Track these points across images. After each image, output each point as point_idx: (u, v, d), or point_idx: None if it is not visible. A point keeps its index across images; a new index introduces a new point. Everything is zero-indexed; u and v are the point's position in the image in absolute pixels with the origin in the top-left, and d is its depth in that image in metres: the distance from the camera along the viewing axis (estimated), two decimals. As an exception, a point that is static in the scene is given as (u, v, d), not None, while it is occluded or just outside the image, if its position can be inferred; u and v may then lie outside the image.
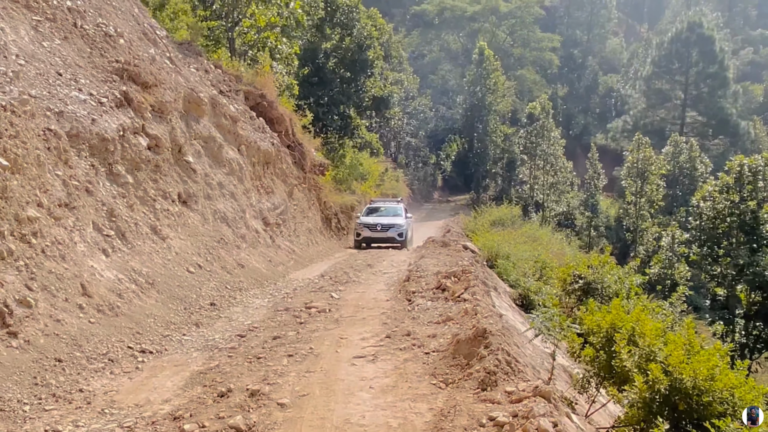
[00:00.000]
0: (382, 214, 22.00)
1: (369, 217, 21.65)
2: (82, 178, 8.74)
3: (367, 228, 20.75)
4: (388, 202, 24.40)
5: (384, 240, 20.59)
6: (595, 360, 7.25)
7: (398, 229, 20.75)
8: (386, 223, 20.84)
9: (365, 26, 30.33)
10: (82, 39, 11.65)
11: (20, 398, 5.08)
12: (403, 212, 22.33)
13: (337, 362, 5.99)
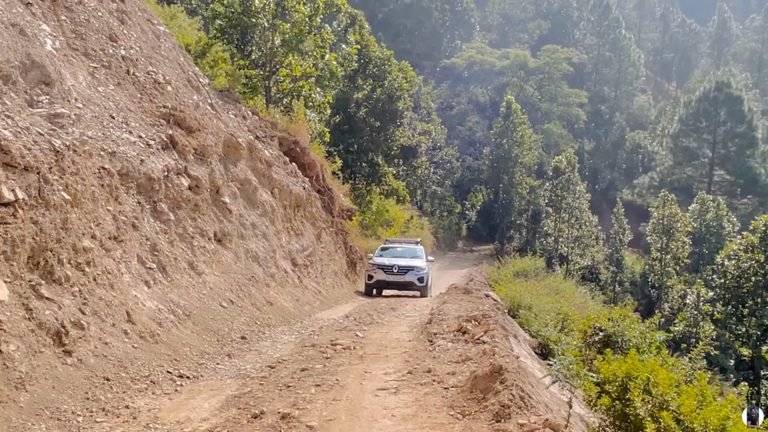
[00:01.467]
0: (398, 255, 19.63)
1: (384, 258, 19.22)
2: (130, 213, 9.41)
3: (382, 270, 18.33)
4: (405, 243, 22.05)
5: (401, 285, 18.27)
6: (611, 409, 7.53)
7: (418, 273, 18.35)
8: (404, 265, 18.43)
9: (396, 78, 31.43)
10: (134, 85, 12.55)
11: (74, 410, 5.59)
12: (423, 255, 20.10)
13: (361, 393, 6.42)
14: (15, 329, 5.79)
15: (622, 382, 7.53)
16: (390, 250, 20.40)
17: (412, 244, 21.86)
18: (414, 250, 20.40)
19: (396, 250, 20.54)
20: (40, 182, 6.95)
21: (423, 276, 18.43)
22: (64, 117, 8.61)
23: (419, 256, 19.78)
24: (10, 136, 6.73)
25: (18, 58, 8.47)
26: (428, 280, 18.95)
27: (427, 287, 18.73)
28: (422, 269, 18.58)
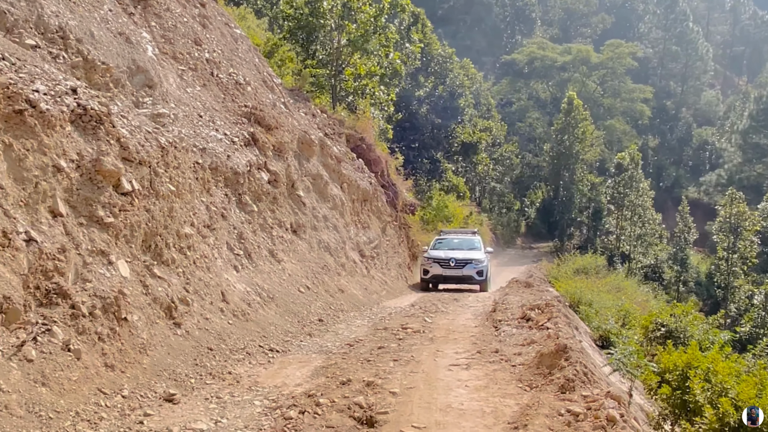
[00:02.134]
0: (454, 247, 18.65)
1: (439, 250, 18.37)
2: (219, 204, 10.31)
3: (438, 264, 17.46)
4: (461, 234, 21.15)
5: (459, 279, 17.39)
6: (671, 397, 7.90)
7: (477, 266, 17.42)
8: (461, 258, 17.51)
9: (458, 76, 31.87)
10: (218, 86, 13.53)
11: (187, 373, 6.43)
12: (482, 246, 19.14)
13: (435, 367, 7.05)
14: (136, 302, 6.68)
15: (682, 372, 7.88)
16: (446, 242, 19.40)
17: (469, 234, 20.82)
18: (471, 241, 19.38)
19: (452, 241, 19.50)
20: (151, 175, 7.86)
21: (482, 269, 17.49)
22: (164, 116, 9.55)
23: (477, 247, 18.79)
24: (127, 134, 7.65)
25: (125, 63, 9.46)
26: (487, 274, 17.98)
27: (487, 281, 17.82)
28: (481, 262, 17.64)
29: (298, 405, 5.55)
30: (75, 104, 7.03)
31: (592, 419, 4.79)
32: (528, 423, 5.01)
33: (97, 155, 6.95)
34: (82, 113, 7.05)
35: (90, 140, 7.03)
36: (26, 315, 5.32)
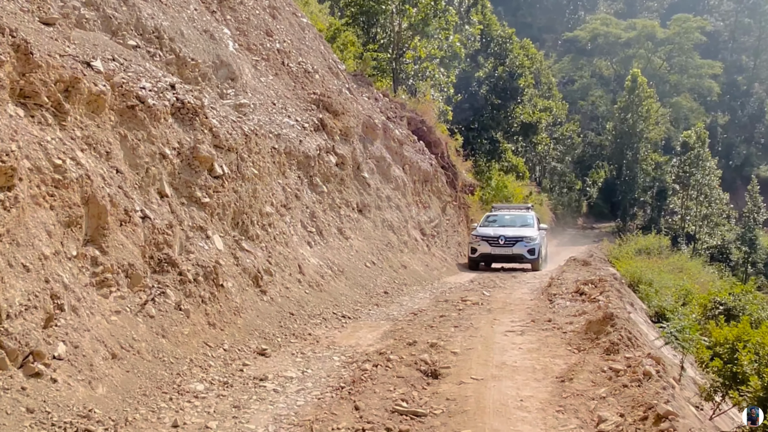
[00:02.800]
0: (505, 224, 17.83)
1: (489, 227, 17.59)
2: (293, 186, 11.26)
3: (486, 242, 16.69)
4: (514, 209, 19.86)
5: (508, 258, 16.65)
6: (722, 370, 8.39)
7: (528, 244, 16.56)
8: (511, 236, 16.64)
9: (517, 56, 31.98)
10: (288, 75, 14.46)
11: (274, 333, 7.40)
12: (535, 222, 18.09)
13: (492, 333, 7.80)
14: (229, 271, 7.68)
15: (732, 345, 8.36)
16: (497, 219, 18.50)
17: (522, 210, 19.54)
18: (524, 218, 18.34)
19: (503, 218, 18.55)
20: (238, 160, 8.84)
21: (534, 247, 16.58)
22: (245, 106, 10.53)
23: (530, 224, 17.79)
24: (217, 124, 8.63)
25: (210, 58, 10.45)
26: (540, 252, 16.98)
27: (539, 260, 16.87)
28: (533, 240, 16.69)
29: (371, 360, 6.41)
30: (174, 99, 8.03)
31: (630, 374, 5.45)
32: (573, 377, 5.72)
33: (194, 143, 7.95)
34: (181, 106, 8.05)
35: (188, 130, 8.03)
36: (145, 280, 6.35)
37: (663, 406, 4.36)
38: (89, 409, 4.39)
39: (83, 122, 6.42)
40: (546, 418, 4.80)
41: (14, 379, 4.15)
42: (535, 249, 16.66)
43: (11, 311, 4.30)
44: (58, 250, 5.25)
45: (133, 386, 5.01)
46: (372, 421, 4.68)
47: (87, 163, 6.05)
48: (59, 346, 4.66)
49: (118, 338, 5.38)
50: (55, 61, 6.21)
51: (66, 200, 5.54)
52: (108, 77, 7.07)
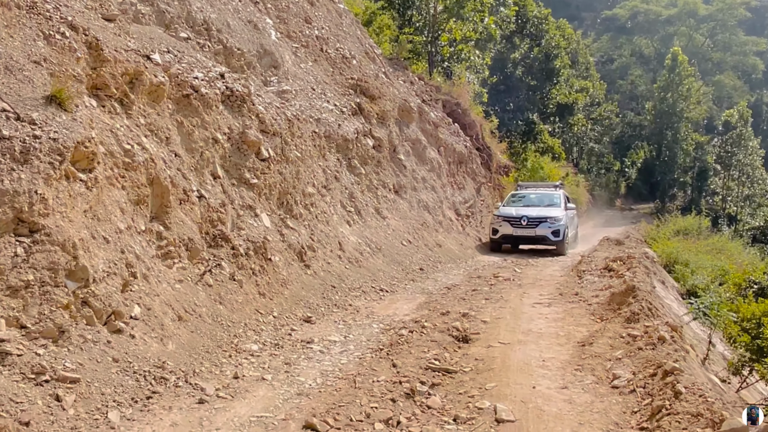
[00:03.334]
0: (530, 204, 17.07)
1: (512, 207, 16.90)
2: (333, 168, 11.85)
3: (508, 222, 15.98)
4: (541, 188, 18.98)
5: (531, 239, 15.93)
6: (749, 345, 8.74)
7: (552, 225, 15.72)
8: (535, 216, 15.86)
9: (553, 37, 31.89)
10: (327, 61, 15.01)
11: (317, 303, 8.04)
12: (563, 202, 17.07)
13: (520, 305, 8.31)
14: (276, 247, 8.33)
15: (758, 320, 8.71)
16: (522, 198, 17.73)
17: (550, 188, 18.57)
18: (551, 197, 17.43)
19: (529, 197, 17.73)
20: (282, 143, 9.46)
21: (559, 229, 15.74)
22: (288, 93, 11.13)
23: (556, 203, 16.89)
24: (263, 110, 9.26)
25: (255, 48, 11.06)
26: (566, 234, 16.03)
27: (565, 242, 15.97)
28: (558, 220, 15.87)
29: (407, 327, 6.99)
30: (224, 87, 8.67)
31: (647, 339, 5.91)
32: (593, 342, 6.21)
33: (242, 128, 8.59)
34: (230, 94, 8.68)
35: (236, 116, 8.67)
36: (202, 253, 7.03)
37: (670, 363, 4.83)
38: (163, 361, 5.07)
39: (146, 110, 7.10)
40: (565, 375, 5.31)
41: (101, 334, 4.84)
42: (560, 230, 15.74)
43: (96, 276, 4.99)
44: (129, 225, 5.94)
45: (197, 344, 5.69)
46: (408, 376, 5.26)
47: (150, 148, 6.73)
48: (135, 308, 5.35)
49: (183, 303, 6.07)
50: (121, 56, 6.89)
51: (135, 181, 6.23)
52: (165, 69, 7.73)
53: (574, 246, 17.52)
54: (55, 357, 4.32)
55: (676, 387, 4.40)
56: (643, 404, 4.47)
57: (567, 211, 16.68)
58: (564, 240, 15.80)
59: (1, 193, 4.36)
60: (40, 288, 4.45)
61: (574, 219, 17.92)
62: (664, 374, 4.75)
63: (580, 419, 4.33)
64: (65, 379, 4.20)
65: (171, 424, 4.24)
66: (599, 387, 5.00)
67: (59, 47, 5.97)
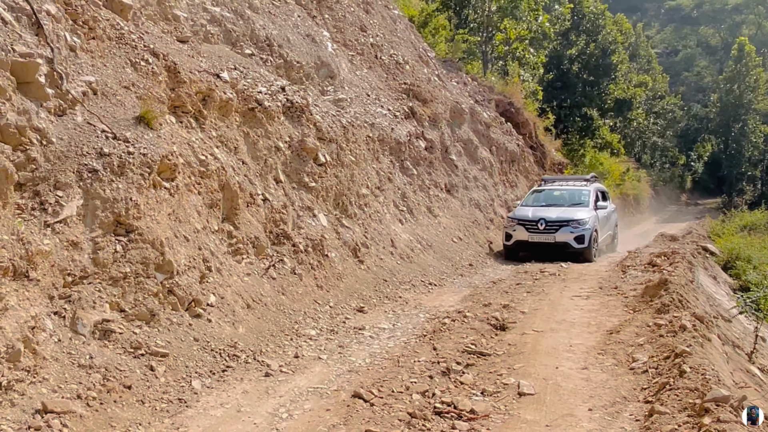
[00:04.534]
0: (553, 202, 14.74)
1: (529, 207, 14.60)
2: (386, 170, 12.61)
3: (523, 226, 13.66)
4: (571, 181, 16.27)
5: (549, 247, 13.44)
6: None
7: (576, 229, 13.32)
8: (555, 219, 13.50)
9: (610, 32, 31.72)
10: (381, 67, 15.78)
11: (370, 295, 8.81)
12: (592, 199, 14.50)
13: (560, 297, 8.85)
14: (332, 244, 9.14)
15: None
16: (544, 195, 15.43)
17: (580, 182, 15.88)
18: (578, 193, 14.87)
19: (552, 194, 15.34)
20: (338, 149, 10.28)
21: (583, 234, 13.28)
22: (343, 101, 11.96)
23: (584, 201, 14.40)
24: (320, 119, 10.10)
25: (313, 60, 11.93)
26: (593, 238, 13.54)
27: (591, 249, 13.42)
28: (583, 223, 13.39)
29: (450, 316, 7.67)
30: (285, 99, 9.55)
31: (669, 327, 6.40)
32: (621, 330, 6.74)
33: (301, 137, 9.45)
34: (290, 106, 9.55)
35: (296, 126, 9.53)
36: (267, 250, 7.90)
37: (681, 347, 5.35)
38: (235, 341, 5.93)
39: (216, 124, 8.03)
40: (587, 358, 5.89)
41: (184, 318, 5.74)
42: (584, 236, 13.26)
43: (179, 269, 5.89)
44: (205, 225, 6.85)
45: (263, 329, 6.54)
46: (445, 357, 5.95)
47: (221, 157, 7.64)
48: (211, 297, 6.24)
49: (250, 293, 6.94)
50: (194, 76, 7.83)
51: (208, 187, 7.14)
52: (233, 85, 8.65)
53: (613, 249, 15.96)
54: (149, 335, 5.23)
55: (682, 367, 4.93)
56: (653, 382, 5.02)
57: (598, 210, 14.35)
58: (590, 246, 13.39)
59: (104, 200, 5.30)
60: (135, 278, 5.37)
61: (609, 219, 15.59)
62: (675, 356, 5.28)
63: (592, 393, 4.93)
64: (157, 353, 5.09)
65: (242, 392, 5.08)
66: (617, 368, 5.56)
67: (144, 72, 6.94)
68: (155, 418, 4.46)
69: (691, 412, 4.07)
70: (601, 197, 15.30)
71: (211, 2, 10.29)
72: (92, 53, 6.55)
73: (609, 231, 15.59)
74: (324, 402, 4.94)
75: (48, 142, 5.26)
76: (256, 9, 11.19)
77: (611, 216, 16.00)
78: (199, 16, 9.86)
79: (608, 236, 15.49)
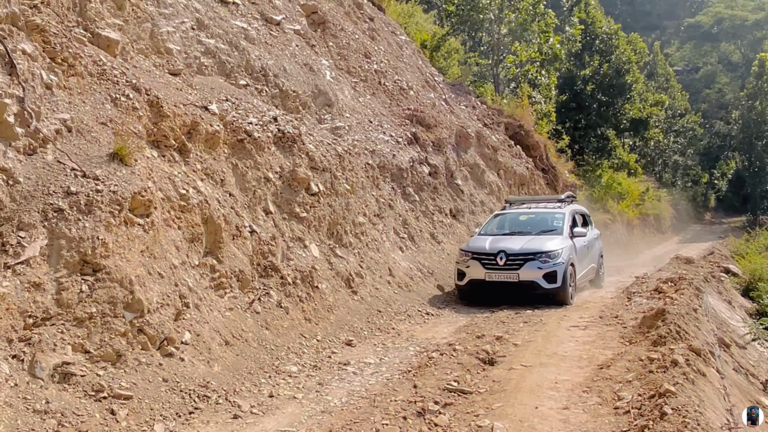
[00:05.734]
0: (518, 229, 11.96)
1: (488, 236, 11.77)
2: (387, 196, 12.48)
3: (478, 261, 10.87)
4: (539, 205, 13.11)
5: (512, 287, 10.64)
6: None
7: (546, 264, 10.53)
8: (519, 251, 10.77)
9: (623, 52, 31.47)
10: (384, 93, 15.75)
11: (361, 327, 8.64)
12: (567, 224, 11.71)
13: (557, 328, 8.59)
14: (324, 275, 9.01)
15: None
16: (507, 220, 12.56)
17: (553, 204, 12.92)
18: (550, 218, 12.06)
19: (517, 219, 12.44)
20: (332, 178, 10.19)
21: (555, 270, 10.45)
22: (341, 129, 11.91)
23: (556, 228, 11.63)
24: (313, 148, 10.04)
25: (310, 89, 11.92)
26: (569, 275, 10.69)
27: (566, 289, 10.57)
28: (555, 256, 10.60)
29: (439, 350, 7.46)
30: (276, 129, 9.51)
31: (660, 363, 6.13)
32: (611, 365, 6.47)
33: (293, 167, 9.39)
34: (282, 136, 9.51)
35: (287, 156, 9.48)
36: (252, 283, 7.79)
37: (665, 386, 5.09)
38: (207, 381, 5.80)
39: (202, 156, 8.00)
40: (571, 396, 5.64)
41: (154, 357, 5.63)
42: (557, 272, 10.43)
43: (150, 307, 5.80)
44: (184, 260, 6.77)
45: (241, 366, 6.40)
46: (424, 396, 5.74)
47: (205, 190, 7.59)
48: (186, 334, 6.13)
49: (231, 329, 6.82)
50: (179, 110, 7.82)
51: (189, 221, 7.08)
52: (221, 117, 8.64)
53: (599, 284, 13.10)
54: (113, 377, 5.12)
55: (663, 408, 4.67)
56: (633, 424, 4.77)
57: (575, 238, 11.54)
58: (565, 285, 10.49)
59: (69, 239, 5.25)
60: (102, 318, 5.29)
61: (591, 248, 12.72)
62: (659, 395, 5.02)
63: (566, 437, 4.70)
64: (120, 396, 4.98)
65: (206, 436, 4.94)
66: (601, 408, 5.31)
67: (123, 108, 6.94)
68: (108, 466, 4.33)
69: (662, 462, 3.82)
70: (580, 222, 12.69)
71: (206, 35, 10.34)
72: (70, 90, 6.57)
73: (591, 263, 12.66)
74: (289, 447, 4.78)
75: (15, 182, 5.24)
76: (252, 40, 11.23)
77: (594, 244, 13.08)
78: (192, 49, 9.91)
79: (591, 270, 12.62)
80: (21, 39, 6.14)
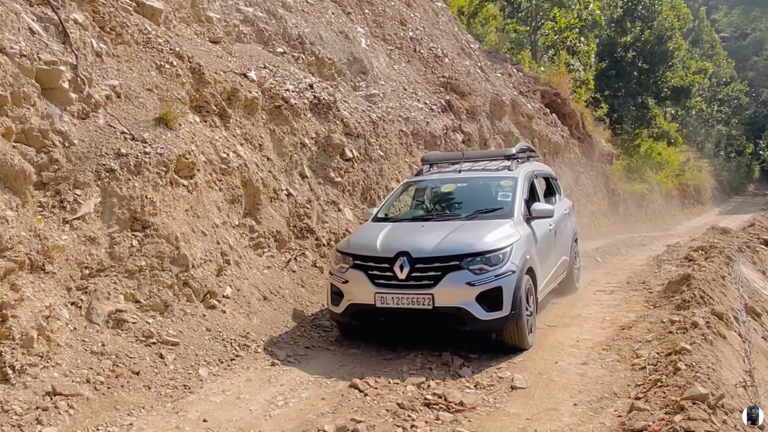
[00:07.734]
0: (437, 210, 7.55)
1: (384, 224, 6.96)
2: (419, 163, 12.68)
3: (364, 271, 6.14)
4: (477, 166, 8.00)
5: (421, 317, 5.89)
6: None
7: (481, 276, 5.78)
8: (433, 253, 5.91)
9: (666, 18, 30.68)
10: (419, 61, 15.84)
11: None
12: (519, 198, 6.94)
13: (583, 291, 8.80)
14: (357, 238, 9.33)
15: None
16: (423, 193, 8.19)
17: (498, 164, 7.90)
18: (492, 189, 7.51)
19: (438, 192, 7.94)
20: (366, 144, 10.46)
21: (498, 286, 5.81)
22: (375, 96, 12.11)
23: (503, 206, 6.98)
24: (348, 115, 10.29)
25: (345, 56, 12.13)
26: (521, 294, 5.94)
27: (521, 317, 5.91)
28: (498, 261, 5.91)
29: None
30: (312, 96, 9.79)
31: (681, 324, 6.31)
32: (633, 326, 6.69)
33: (328, 133, 9.67)
34: (317, 102, 9.78)
35: (323, 122, 9.76)
36: (289, 243, 8.17)
37: (681, 344, 5.30)
38: (247, 332, 6.21)
39: (241, 122, 8.34)
40: (591, 353, 5.89)
41: (198, 309, 6.05)
42: (501, 291, 5.84)
43: (195, 262, 6.20)
44: (225, 220, 7.16)
45: (278, 320, 6.81)
46: (448, 350, 6.06)
47: (245, 154, 7.94)
48: (227, 289, 6.54)
49: (269, 286, 7.22)
50: (220, 77, 8.14)
51: (230, 183, 7.45)
52: (260, 84, 8.94)
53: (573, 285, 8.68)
54: (161, 325, 5.55)
55: (677, 364, 4.89)
56: (647, 379, 5.00)
57: (534, 221, 6.99)
58: (518, 313, 5.89)
59: (120, 198, 5.65)
60: (150, 271, 5.71)
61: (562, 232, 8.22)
62: (673, 353, 5.24)
63: (582, 388, 4.96)
64: (168, 342, 5.41)
65: (246, 380, 5.35)
66: (618, 364, 5.55)
67: (167, 75, 7.29)
68: (158, 402, 4.77)
69: (669, 410, 4.07)
70: (542, 190, 8.29)
71: (244, 3, 10.62)
72: (119, 58, 6.94)
73: (562, 256, 8.11)
74: (321, 391, 5.16)
75: (70, 144, 5.64)
76: (289, 8, 11.46)
77: (565, 224, 8.57)
78: (232, 17, 10.21)
79: (561, 265, 8.03)
80: (73, 9, 6.49)
